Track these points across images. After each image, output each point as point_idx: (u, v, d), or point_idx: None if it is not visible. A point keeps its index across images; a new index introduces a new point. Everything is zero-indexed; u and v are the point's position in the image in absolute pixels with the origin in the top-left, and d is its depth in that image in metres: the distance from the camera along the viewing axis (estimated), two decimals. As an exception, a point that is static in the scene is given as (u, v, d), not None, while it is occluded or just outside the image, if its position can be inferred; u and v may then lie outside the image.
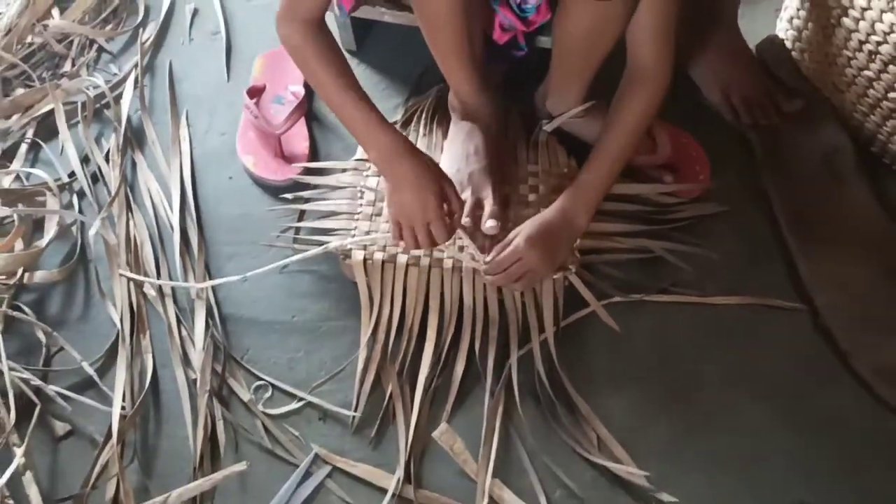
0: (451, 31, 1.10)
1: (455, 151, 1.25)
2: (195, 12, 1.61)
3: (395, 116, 1.39)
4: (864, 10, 1.22)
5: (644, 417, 1.13)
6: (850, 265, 1.23)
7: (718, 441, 1.11)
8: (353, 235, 1.21)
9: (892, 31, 1.18)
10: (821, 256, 1.23)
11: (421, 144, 1.32)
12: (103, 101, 1.47)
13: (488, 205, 1.18)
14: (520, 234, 1.12)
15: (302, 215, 1.31)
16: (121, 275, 1.24)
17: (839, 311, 1.19)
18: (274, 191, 1.35)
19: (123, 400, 1.13)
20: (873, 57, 1.24)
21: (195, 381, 1.16)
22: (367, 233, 1.21)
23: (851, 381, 1.15)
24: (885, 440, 1.11)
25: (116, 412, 1.11)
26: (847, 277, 1.22)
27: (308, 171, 1.34)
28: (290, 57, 1.07)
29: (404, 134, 1.33)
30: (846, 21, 1.27)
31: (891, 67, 1.22)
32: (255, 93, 1.41)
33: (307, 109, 1.40)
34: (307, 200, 1.30)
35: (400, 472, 1.07)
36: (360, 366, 1.16)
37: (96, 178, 1.39)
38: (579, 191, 1.14)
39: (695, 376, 1.17)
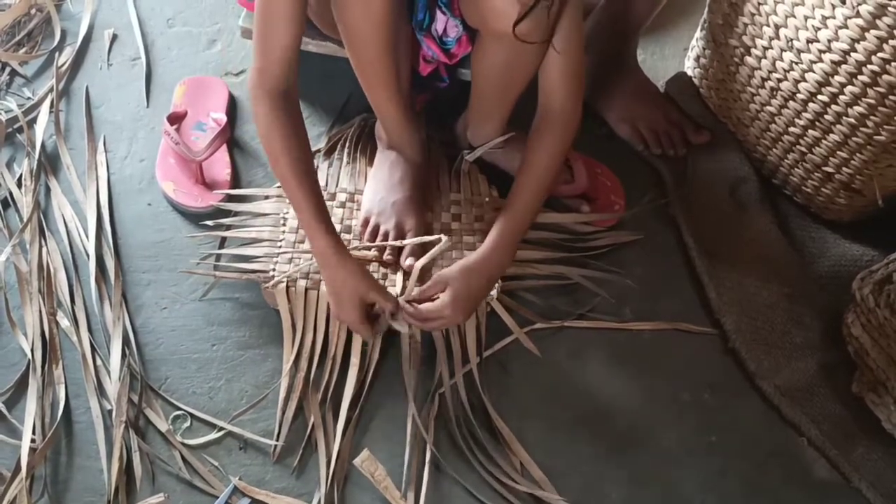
0: (380, 64, 1.12)
1: (380, 179, 1.26)
2: (114, 37, 1.58)
3: (319, 144, 1.40)
4: (765, 49, 1.29)
5: (565, 440, 1.16)
6: (753, 289, 1.29)
7: (635, 462, 1.15)
8: (276, 263, 1.21)
9: (791, 69, 1.26)
10: (727, 281, 1.29)
11: (344, 173, 1.33)
12: (16, 126, 1.43)
13: (410, 237, 1.20)
14: (447, 288, 1.11)
15: (223, 242, 1.30)
16: (49, 314, 1.20)
17: (745, 333, 1.24)
18: (194, 217, 1.33)
19: (34, 432, 1.09)
20: (774, 93, 1.31)
21: (110, 411, 1.12)
22: (290, 260, 1.21)
23: (760, 402, 1.21)
24: (793, 458, 1.17)
25: (26, 445, 1.07)
26: (751, 301, 1.27)
27: (230, 198, 1.33)
28: (257, 128, 1.06)
29: (328, 162, 1.34)
30: (749, 59, 1.34)
31: (791, 103, 1.29)
32: (176, 119, 1.39)
33: (229, 136, 1.39)
34: (228, 227, 1.29)
35: (321, 502, 1.07)
36: (283, 394, 1.15)
37: (7, 203, 1.34)
38: (502, 235, 1.15)
39: (612, 399, 1.20)
